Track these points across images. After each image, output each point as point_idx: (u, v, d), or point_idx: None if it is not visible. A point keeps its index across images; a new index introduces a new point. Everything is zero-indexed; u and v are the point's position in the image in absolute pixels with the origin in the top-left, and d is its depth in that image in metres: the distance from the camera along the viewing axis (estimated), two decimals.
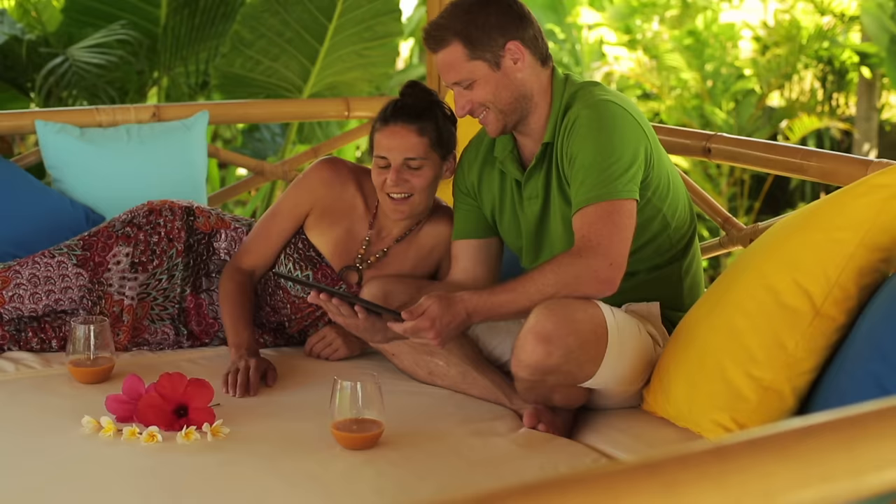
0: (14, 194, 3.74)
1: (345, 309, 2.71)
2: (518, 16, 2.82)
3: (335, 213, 3.24)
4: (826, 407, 2.36)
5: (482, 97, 2.81)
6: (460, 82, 2.81)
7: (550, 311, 2.56)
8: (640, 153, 2.71)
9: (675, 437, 2.61)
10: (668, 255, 2.90)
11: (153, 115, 4.14)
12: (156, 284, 3.30)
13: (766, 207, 8.31)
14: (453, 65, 2.80)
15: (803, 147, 3.24)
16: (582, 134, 2.71)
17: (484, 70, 2.79)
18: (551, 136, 2.82)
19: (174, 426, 2.58)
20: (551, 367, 2.58)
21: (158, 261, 3.31)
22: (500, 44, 2.78)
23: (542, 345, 2.55)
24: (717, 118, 7.97)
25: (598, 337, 2.60)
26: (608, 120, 2.72)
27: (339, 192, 3.24)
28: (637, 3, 8.85)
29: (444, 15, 2.84)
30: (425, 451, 2.56)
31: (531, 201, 2.89)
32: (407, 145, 3.03)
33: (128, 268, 3.29)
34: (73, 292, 3.25)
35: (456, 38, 2.78)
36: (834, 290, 2.41)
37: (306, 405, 2.81)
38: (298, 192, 3.25)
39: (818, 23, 8.20)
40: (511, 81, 2.80)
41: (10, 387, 2.93)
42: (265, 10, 5.56)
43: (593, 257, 2.60)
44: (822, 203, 2.55)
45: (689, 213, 2.96)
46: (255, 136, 6.70)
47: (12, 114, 4.30)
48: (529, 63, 2.82)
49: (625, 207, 2.66)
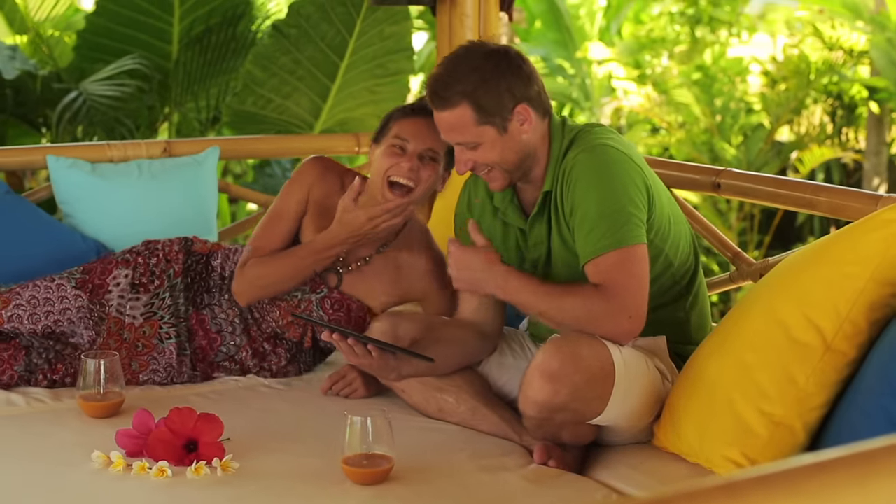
0: (25, 229, 3.76)
1: (359, 349, 2.71)
2: (527, 76, 2.76)
3: (323, 210, 3.27)
4: (838, 443, 2.35)
5: (488, 159, 2.76)
6: (464, 144, 2.77)
7: (557, 348, 2.56)
8: (643, 196, 2.69)
9: (686, 473, 2.60)
10: (671, 293, 2.88)
11: (164, 150, 4.15)
12: (160, 304, 3.32)
13: (777, 242, 8.30)
14: (459, 128, 2.74)
15: (813, 182, 3.25)
16: (582, 183, 2.69)
17: (492, 135, 2.73)
18: (550, 184, 2.79)
19: (184, 461, 2.58)
20: (558, 406, 2.57)
21: (159, 281, 3.34)
22: (510, 107, 2.73)
23: (548, 383, 2.54)
24: (726, 153, 7.98)
25: (606, 374, 2.59)
26: (607, 166, 2.68)
27: (329, 189, 3.28)
28: (646, 39, 8.89)
29: (450, 70, 2.75)
30: (435, 486, 2.55)
31: (537, 246, 2.88)
32: (433, 137, 2.98)
33: (128, 288, 3.32)
34: (71, 313, 3.27)
35: (465, 101, 2.71)
36: (844, 325, 2.40)
37: (316, 440, 2.80)
38: (294, 188, 3.30)
39: (827, 57, 8.21)
40: (517, 143, 2.76)
41: (20, 421, 2.93)
42: (277, 49, 5.60)
43: (619, 311, 2.61)
44: (833, 238, 2.55)
45: (692, 248, 2.94)
46: (265, 172, 6.72)
47: (24, 149, 4.33)
48: (535, 123, 2.78)
49: (637, 253, 2.65)
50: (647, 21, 9.54)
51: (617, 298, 2.61)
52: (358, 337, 2.71)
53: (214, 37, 5.84)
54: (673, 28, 8.98)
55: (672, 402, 2.69)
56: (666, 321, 2.86)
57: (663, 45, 8.93)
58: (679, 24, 8.95)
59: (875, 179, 8.38)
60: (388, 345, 2.74)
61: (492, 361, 3.01)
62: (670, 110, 8.38)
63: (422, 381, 2.95)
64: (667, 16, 9.15)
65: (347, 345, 2.70)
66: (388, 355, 2.73)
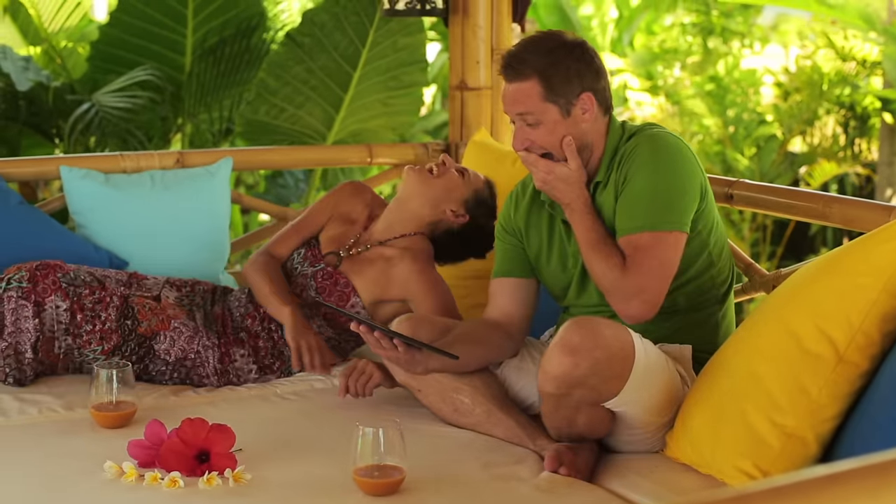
0: (38, 239, 3.77)
1: (385, 342, 2.74)
2: (597, 69, 2.85)
3: (340, 220, 3.61)
4: (850, 454, 2.35)
5: (545, 142, 2.82)
6: (525, 116, 2.82)
7: (578, 325, 2.58)
8: (696, 186, 2.76)
9: (697, 484, 2.60)
10: (710, 296, 2.90)
11: (177, 161, 4.16)
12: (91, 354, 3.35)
13: (789, 253, 8.28)
14: (525, 100, 2.81)
15: (826, 193, 3.25)
16: (639, 161, 2.76)
17: (554, 115, 2.80)
18: (603, 174, 2.86)
19: (196, 472, 2.58)
20: (577, 379, 2.57)
21: (88, 337, 3.33)
22: (576, 92, 2.80)
23: (568, 356, 2.55)
24: (739, 164, 7.97)
25: (626, 354, 2.60)
26: (666, 150, 2.77)
27: (353, 206, 3.63)
28: (659, 50, 8.90)
29: (526, 48, 2.84)
30: (447, 497, 2.55)
31: None
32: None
33: (67, 317, 3.32)
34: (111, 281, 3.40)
35: (535, 75, 2.79)
36: (857, 337, 2.40)
37: (328, 451, 2.80)
38: (324, 207, 3.63)
39: (840, 69, 8.20)
40: (577, 130, 2.82)
41: (32, 430, 2.94)
42: (290, 59, 5.60)
43: (630, 288, 2.68)
44: (845, 249, 2.55)
45: (731, 263, 2.99)
46: (278, 182, 6.73)
47: (37, 160, 4.34)
48: (596, 114, 2.84)
49: (671, 240, 2.69)
50: (660, 32, 9.54)
51: (636, 278, 2.66)
52: (384, 331, 2.75)
53: (228, 48, 5.86)
54: (685, 39, 8.98)
55: (685, 411, 2.69)
56: (701, 323, 2.89)
57: (676, 56, 8.93)
58: (691, 35, 8.95)
59: (888, 190, 8.36)
60: (414, 340, 2.77)
61: (511, 365, 3.01)
62: (683, 121, 8.38)
63: (438, 382, 2.96)
64: (679, 27, 9.15)
65: (374, 337, 2.74)
66: (413, 350, 2.76)
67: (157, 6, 5.83)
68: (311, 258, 3.51)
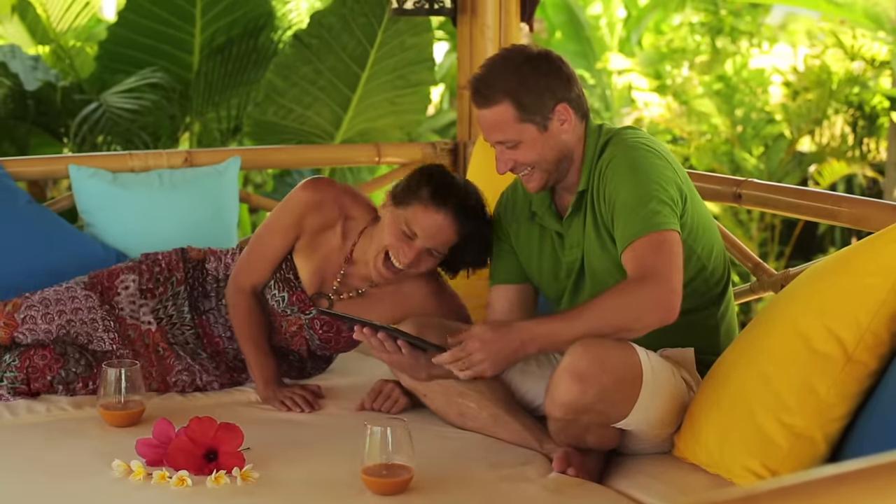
0: (47, 238, 3.77)
1: (389, 344, 2.73)
2: (567, 77, 2.82)
3: (319, 238, 3.27)
4: (859, 454, 2.34)
5: (528, 159, 2.81)
6: (504, 142, 2.81)
7: (585, 349, 2.56)
8: (674, 191, 2.73)
9: (706, 484, 2.59)
10: (705, 299, 2.89)
11: (185, 160, 4.16)
12: (163, 311, 3.36)
13: (797, 253, 8.26)
14: (501, 126, 2.79)
15: (834, 193, 3.25)
16: (618, 175, 2.73)
17: (532, 133, 2.78)
18: (586, 183, 2.83)
19: (204, 470, 2.58)
20: (585, 406, 2.57)
21: (163, 288, 3.38)
22: (550, 106, 2.78)
23: (576, 383, 2.54)
24: (747, 163, 7.96)
25: (633, 377, 2.59)
26: (641, 160, 2.73)
27: (324, 215, 3.26)
28: (667, 49, 8.88)
29: (493, 70, 2.81)
30: (455, 496, 2.55)
31: (572, 249, 2.90)
32: (444, 236, 3.04)
33: (137, 293, 3.36)
34: (83, 314, 3.28)
35: (507, 99, 2.76)
36: (866, 336, 2.39)
37: (336, 450, 2.80)
38: (285, 214, 3.27)
39: (848, 68, 8.19)
40: (557, 142, 2.81)
41: (41, 429, 2.95)
42: (298, 59, 5.61)
43: (654, 284, 2.60)
44: (854, 249, 2.55)
45: (724, 260, 2.97)
46: (286, 181, 6.73)
47: (46, 159, 4.34)
48: (574, 123, 2.83)
49: (671, 237, 2.67)
50: (668, 31, 9.52)
51: (655, 276, 2.61)
52: (389, 330, 2.73)
53: (236, 48, 5.86)
54: (693, 38, 8.96)
55: (693, 412, 2.69)
56: (698, 326, 2.88)
57: (684, 55, 8.91)
58: (700, 34, 8.93)
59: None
60: (420, 339, 2.75)
61: (515, 369, 3.00)
62: (691, 121, 8.36)
63: (444, 386, 2.96)
64: (687, 26, 9.13)
65: (378, 339, 2.73)
66: (418, 353, 2.76)
67: (165, 5, 5.83)
68: (300, 304, 3.27)
